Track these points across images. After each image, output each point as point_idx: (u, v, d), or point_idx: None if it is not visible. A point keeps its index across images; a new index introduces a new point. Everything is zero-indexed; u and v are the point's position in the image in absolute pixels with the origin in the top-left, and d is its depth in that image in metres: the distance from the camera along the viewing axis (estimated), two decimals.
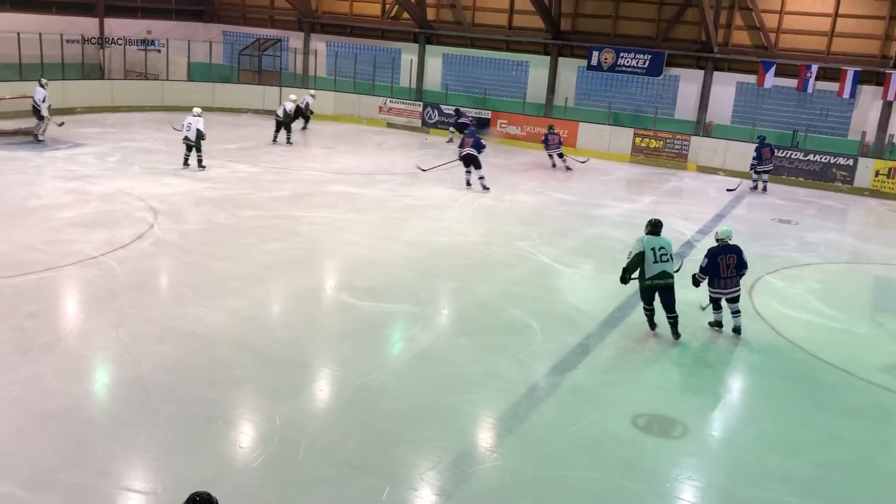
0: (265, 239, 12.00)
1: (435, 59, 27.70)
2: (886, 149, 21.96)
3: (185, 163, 16.76)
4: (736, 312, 9.39)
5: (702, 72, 24.07)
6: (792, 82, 22.78)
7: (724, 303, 9.40)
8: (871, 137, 22.33)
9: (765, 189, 19.77)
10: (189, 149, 16.69)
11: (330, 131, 23.91)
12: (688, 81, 24.38)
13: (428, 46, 27.64)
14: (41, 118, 18.14)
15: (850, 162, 21.20)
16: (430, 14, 27.27)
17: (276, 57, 28.79)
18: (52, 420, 6.39)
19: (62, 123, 18.70)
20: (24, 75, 22.17)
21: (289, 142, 20.86)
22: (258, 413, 6.87)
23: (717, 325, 9.56)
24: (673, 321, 9.04)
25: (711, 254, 9.26)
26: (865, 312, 11.30)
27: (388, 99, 26.48)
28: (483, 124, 24.65)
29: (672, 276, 8.96)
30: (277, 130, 20.85)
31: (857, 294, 12.24)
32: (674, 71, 24.37)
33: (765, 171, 19.77)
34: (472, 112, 25.15)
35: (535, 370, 8.06)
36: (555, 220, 15.01)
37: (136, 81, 25.80)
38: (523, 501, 5.80)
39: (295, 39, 29.61)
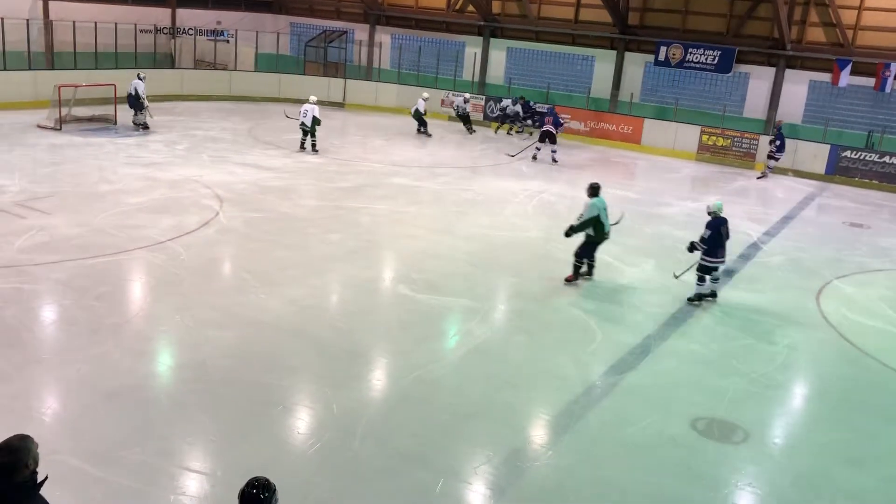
0: (326, 229, 12.12)
1: (499, 53, 27.58)
2: None
3: (302, 146, 18.18)
4: (716, 279, 10.27)
5: (773, 69, 23.39)
6: (869, 81, 21.97)
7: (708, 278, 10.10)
8: None
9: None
10: (305, 134, 18.08)
11: (392, 124, 24.04)
12: (758, 79, 23.73)
13: (492, 40, 27.53)
14: (141, 108, 18.80)
15: None
16: (496, 7, 27.15)
17: (341, 49, 29.09)
18: (118, 398, 6.58)
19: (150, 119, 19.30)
20: (100, 64, 22.90)
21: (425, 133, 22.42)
22: (315, 400, 6.95)
23: (699, 298, 10.10)
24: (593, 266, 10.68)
25: (713, 226, 9.92)
26: None
27: (451, 92, 26.47)
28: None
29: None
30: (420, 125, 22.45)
31: None
32: (744, 68, 23.75)
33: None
34: (540, 106, 24.95)
35: (594, 369, 7.96)
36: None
37: (205, 71, 26.38)
38: (576, 501, 5.73)
39: (360, 32, 29.85)
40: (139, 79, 18.91)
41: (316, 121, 17.74)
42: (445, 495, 5.68)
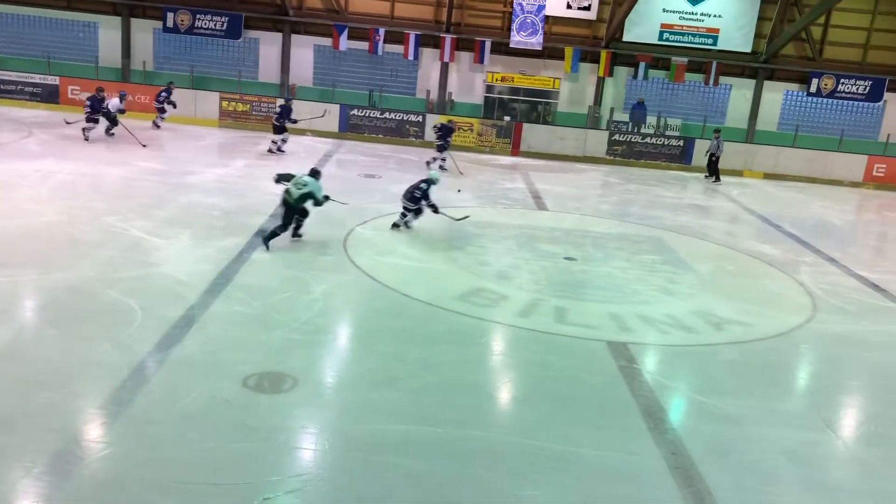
0: None
1: None
2: (447, 105, 24.70)
3: None
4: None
5: (280, 35, 24.50)
6: (364, 45, 24.34)
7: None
8: (434, 96, 24.91)
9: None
10: None
11: None
12: (268, 44, 24.67)
13: None
14: None
15: (420, 118, 23.47)
16: None
17: None
18: None
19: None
20: None
21: None
22: None
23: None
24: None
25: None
26: (442, 251, 12.74)
27: None
28: (54, 93, 22.26)
29: None
30: None
31: (435, 235, 13.71)
32: (253, 34, 24.45)
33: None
34: (37, 78, 22.49)
35: (139, 350, 7.65)
36: (145, 190, 14.24)
37: None
38: (135, 486, 5.53)
39: None
40: None
41: None
42: None
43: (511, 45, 24.51)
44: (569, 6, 24.66)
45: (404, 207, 13.09)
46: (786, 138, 25.15)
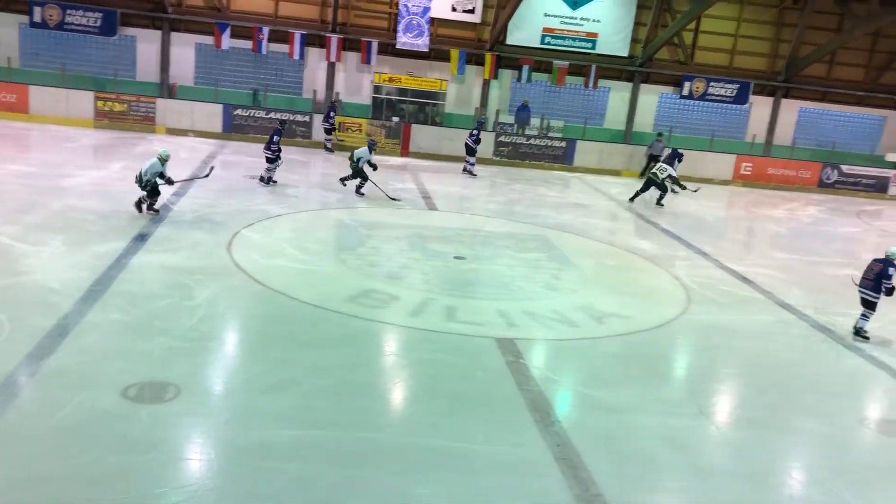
0: None
1: None
2: (336, 106, 24.50)
3: None
4: None
5: (159, 32, 23.65)
6: (248, 44, 23.83)
7: None
8: (321, 95, 24.67)
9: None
10: None
11: None
12: (146, 42, 23.77)
13: None
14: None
15: (307, 118, 23.19)
16: None
17: None
18: None
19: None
20: None
21: None
22: None
23: None
24: None
25: None
26: (331, 252, 12.65)
27: None
28: None
29: None
30: None
31: (324, 237, 13.61)
32: (130, 31, 23.50)
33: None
34: None
35: (6, 362, 7.20)
36: (12, 194, 13.44)
37: None
38: None
39: None
40: None
41: None
42: None
43: (398, 47, 24.57)
44: (454, 9, 24.93)
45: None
46: None
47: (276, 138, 16.46)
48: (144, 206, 12.96)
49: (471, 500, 5.89)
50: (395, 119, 24.48)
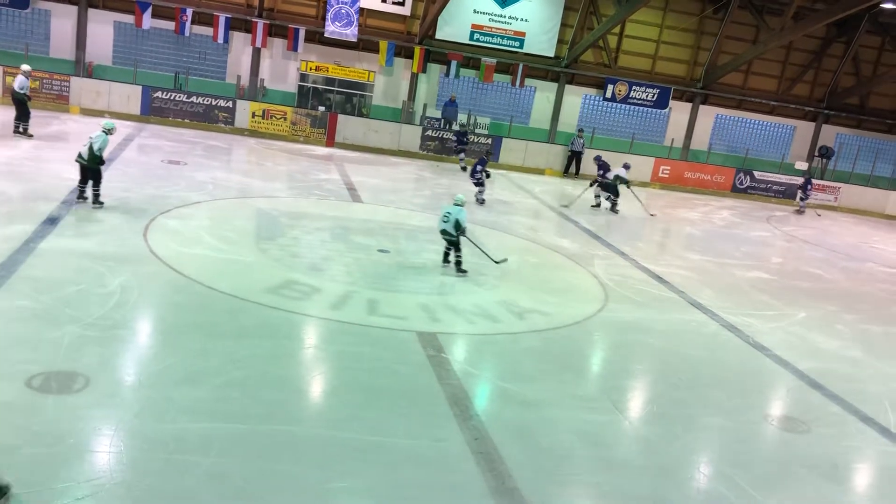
0: None
1: None
2: (259, 92, 24.07)
3: None
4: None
5: (76, 8, 22.74)
6: (170, 24, 23.14)
7: None
8: (245, 81, 24.17)
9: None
10: None
11: None
12: (61, 17, 22.80)
13: None
14: None
15: (230, 104, 22.68)
16: None
17: None
18: None
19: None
20: None
21: None
22: None
23: None
24: None
25: None
26: (251, 242, 12.42)
27: None
28: None
29: None
30: None
31: (244, 226, 13.33)
32: (44, 4, 22.52)
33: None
34: None
35: None
36: None
37: None
38: None
39: None
40: None
41: None
42: None
43: (326, 35, 24.26)
44: (383, 0, 24.78)
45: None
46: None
47: (479, 167, 18.29)
48: (91, 196, 12.29)
49: (389, 494, 5.89)
50: (322, 108, 24.19)
